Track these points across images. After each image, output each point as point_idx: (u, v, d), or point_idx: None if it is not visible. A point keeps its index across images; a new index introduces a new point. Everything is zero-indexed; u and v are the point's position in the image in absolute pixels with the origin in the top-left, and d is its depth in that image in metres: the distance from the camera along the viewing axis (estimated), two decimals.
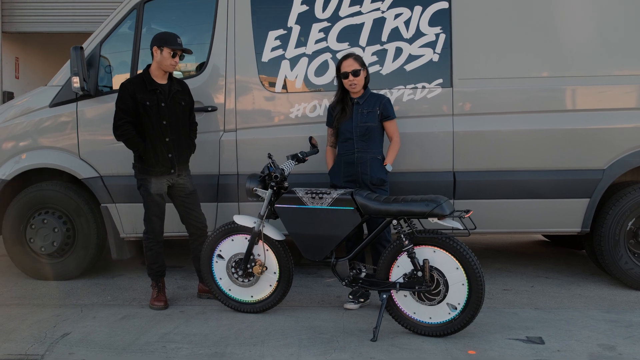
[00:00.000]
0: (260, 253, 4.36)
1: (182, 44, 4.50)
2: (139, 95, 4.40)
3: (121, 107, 4.43)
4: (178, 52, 4.46)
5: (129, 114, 4.42)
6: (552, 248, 6.80)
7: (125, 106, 4.41)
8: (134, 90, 4.41)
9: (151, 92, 4.45)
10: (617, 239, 4.94)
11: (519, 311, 4.50)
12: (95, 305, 4.72)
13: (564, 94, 4.95)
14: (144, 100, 4.41)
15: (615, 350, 3.68)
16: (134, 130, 4.43)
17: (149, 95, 4.44)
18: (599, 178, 4.92)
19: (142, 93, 4.42)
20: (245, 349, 3.76)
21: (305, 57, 5.07)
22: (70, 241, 5.36)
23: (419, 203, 3.85)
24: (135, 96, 4.40)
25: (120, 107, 4.44)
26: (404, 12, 5.01)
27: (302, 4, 5.08)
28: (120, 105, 4.43)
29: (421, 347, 3.75)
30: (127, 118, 4.42)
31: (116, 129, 4.46)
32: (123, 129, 4.42)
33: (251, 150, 5.11)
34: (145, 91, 4.43)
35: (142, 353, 3.71)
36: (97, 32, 5.31)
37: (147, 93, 4.43)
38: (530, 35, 4.94)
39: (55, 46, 10.14)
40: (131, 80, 4.54)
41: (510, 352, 3.66)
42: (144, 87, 4.44)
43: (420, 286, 3.87)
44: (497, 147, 4.95)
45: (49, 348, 3.79)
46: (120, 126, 4.43)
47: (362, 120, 4.45)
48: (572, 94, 4.96)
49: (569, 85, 4.93)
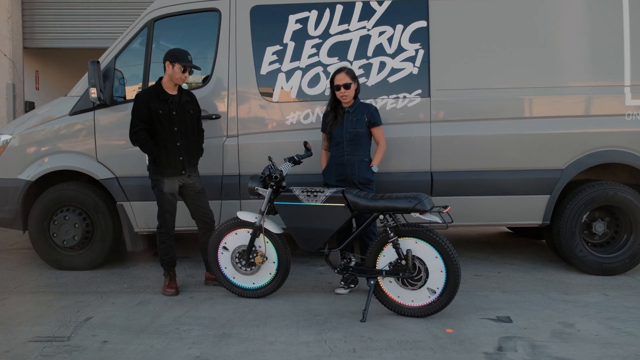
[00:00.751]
0: (261, 245, 4.37)
1: (192, 60, 4.51)
2: (153, 105, 4.40)
3: (137, 115, 4.42)
4: (188, 68, 4.47)
5: (144, 121, 4.41)
6: (515, 238, 6.86)
7: (140, 114, 4.41)
8: (147, 100, 4.41)
9: (163, 101, 4.45)
10: (573, 230, 5.01)
11: (489, 294, 4.56)
12: (114, 293, 4.71)
13: (527, 103, 5.01)
14: (157, 109, 4.41)
15: (574, 327, 3.75)
16: (148, 136, 4.43)
17: (162, 104, 4.43)
18: (558, 177, 4.99)
19: (155, 102, 4.42)
20: (249, 329, 3.78)
21: (299, 70, 5.08)
22: (89, 235, 5.33)
23: (403, 200, 3.89)
24: (149, 105, 4.40)
25: (135, 115, 4.43)
26: (387, 30, 5.04)
27: (297, 22, 5.09)
28: (136, 113, 4.42)
29: (405, 327, 3.79)
30: (142, 125, 4.41)
31: (132, 135, 4.46)
32: (138, 135, 4.42)
33: (251, 154, 5.11)
34: (158, 101, 4.43)
35: (158, 334, 3.72)
36: (111, 48, 5.29)
37: (160, 103, 4.43)
38: (498, 51, 5.00)
39: (72, 60, 10.06)
40: (145, 91, 4.54)
41: (483, 330, 3.71)
42: (157, 97, 4.44)
43: (403, 273, 3.91)
44: (469, 150, 5.00)
45: (74, 331, 3.78)
46: (136, 132, 4.42)
47: (352, 127, 4.48)
48: (534, 102, 5.01)
49: (532, 95, 4.99)
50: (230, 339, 3.62)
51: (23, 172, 5.33)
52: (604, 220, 5.10)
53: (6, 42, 8.83)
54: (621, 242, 5.07)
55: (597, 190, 4.97)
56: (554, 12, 5.01)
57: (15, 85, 8.94)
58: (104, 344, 3.56)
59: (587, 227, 5.12)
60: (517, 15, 5.01)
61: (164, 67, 4.49)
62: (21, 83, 9.12)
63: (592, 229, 5.09)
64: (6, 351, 3.43)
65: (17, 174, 5.34)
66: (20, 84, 9.09)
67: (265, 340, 3.59)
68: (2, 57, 8.80)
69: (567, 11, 5.01)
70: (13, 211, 5.35)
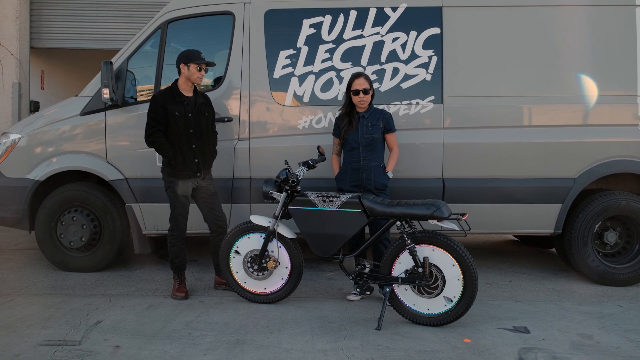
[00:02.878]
0: (274, 250, 4.26)
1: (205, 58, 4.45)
2: (169, 107, 4.32)
3: (153, 116, 4.33)
4: (203, 65, 4.39)
5: (160, 123, 4.32)
6: (522, 247, 6.78)
7: (157, 115, 4.32)
8: (164, 102, 4.32)
9: (179, 103, 4.36)
10: (585, 239, 4.93)
11: (502, 303, 4.46)
12: (122, 295, 4.58)
13: (540, 111, 4.93)
14: (173, 111, 4.32)
15: (593, 339, 3.66)
16: (164, 137, 4.34)
17: (178, 106, 4.35)
18: (570, 186, 4.91)
19: (172, 104, 4.33)
20: (264, 336, 3.67)
21: (312, 75, 4.99)
22: (97, 237, 5.22)
23: (420, 206, 3.79)
24: (165, 107, 4.31)
25: (152, 117, 4.34)
26: (401, 36, 4.96)
27: (310, 27, 5.00)
28: (152, 115, 4.33)
29: (421, 336, 3.69)
30: (158, 127, 4.32)
31: (148, 137, 4.36)
32: (154, 137, 4.33)
33: (262, 157, 5.01)
34: (175, 103, 4.35)
35: (171, 340, 3.60)
36: (124, 49, 5.19)
37: (176, 104, 4.35)
38: (512, 59, 4.93)
39: (78, 61, 9.95)
40: (161, 93, 4.45)
41: (501, 340, 3.62)
42: (173, 99, 4.36)
43: (420, 281, 3.81)
44: (481, 157, 4.91)
45: (85, 335, 3.66)
46: (152, 134, 4.33)
47: (367, 132, 4.39)
48: (548, 111, 4.93)
49: (546, 103, 4.91)
50: (245, 345, 3.51)
51: (31, 172, 5.21)
52: (615, 230, 5.02)
53: (13, 42, 8.70)
54: (633, 253, 4.99)
55: (609, 200, 4.89)
56: (569, 21, 4.95)
57: (21, 84, 8.80)
58: (117, 349, 3.44)
59: (598, 237, 5.04)
60: (532, 23, 4.94)
61: (179, 70, 4.41)
62: (27, 82, 8.98)
63: (603, 238, 5.01)
64: (16, 355, 3.31)
65: (25, 173, 5.22)
66: (26, 83, 8.95)
67: (281, 347, 3.48)
68: (8, 56, 8.67)
69: (581, 20, 4.95)
70: (20, 211, 5.23)
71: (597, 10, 4.95)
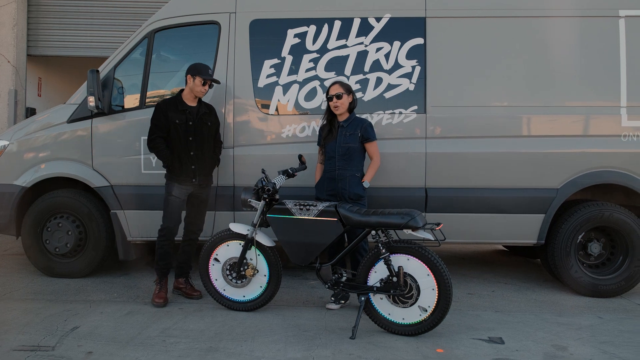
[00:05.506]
0: (253, 257, 4.28)
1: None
2: (170, 114, 4.45)
3: (155, 123, 4.49)
4: (208, 81, 4.50)
5: (161, 129, 4.46)
6: (510, 257, 6.76)
7: (159, 122, 4.46)
8: (166, 110, 4.46)
9: (181, 112, 4.49)
10: (568, 250, 4.91)
11: (481, 313, 4.45)
12: (103, 302, 4.60)
13: (523, 121, 4.92)
14: (174, 119, 4.45)
15: (567, 351, 3.64)
16: (164, 143, 4.48)
17: (179, 114, 4.48)
18: (553, 196, 4.89)
19: (173, 112, 4.47)
20: (237, 344, 3.67)
21: (296, 84, 5.02)
22: (82, 243, 5.25)
23: (395, 216, 3.80)
24: (167, 114, 4.45)
25: (154, 123, 4.49)
26: (384, 46, 4.99)
27: (295, 37, 5.04)
28: (155, 121, 4.49)
29: (395, 345, 3.68)
30: (159, 133, 4.46)
31: (149, 142, 4.51)
32: (155, 142, 4.47)
33: (246, 165, 5.03)
34: (176, 111, 4.48)
35: (144, 346, 3.60)
36: (112, 57, 5.24)
37: (178, 113, 4.48)
38: (494, 70, 4.94)
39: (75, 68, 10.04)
40: (165, 101, 4.58)
41: (474, 351, 3.60)
42: (175, 108, 4.49)
43: (395, 290, 3.80)
44: (464, 167, 4.91)
45: (60, 340, 3.67)
46: (153, 139, 4.48)
47: (345, 142, 4.40)
48: (530, 121, 4.93)
49: (528, 113, 4.91)
50: (217, 353, 3.51)
51: (19, 177, 5.26)
52: (599, 241, 5.00)
53: (10, 49, 8.80)
54: (617, 264, 4.96)
55: (592, 211, 4.88)
56: (552, 32, 4.96)
57: (17, 91, 8.89)
58: (89, 355, 3.45)
59: (582, 248, 5.03)
60: (514, 34, 4.96)
61: (186, 80, 4.54)
62: (23, 89, 9.07)
63: (587, 249, 5.00)
64: None
65: (13, 179, 5.28)
66: (22, 90, 9.04)
67: (253, 355, 3.48)
68: (5, 63, 8.76)
69: (565, 31, 4.96)
70: (7, 216, 5.27)
71: (580, 21, 4.95)
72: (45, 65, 9.77)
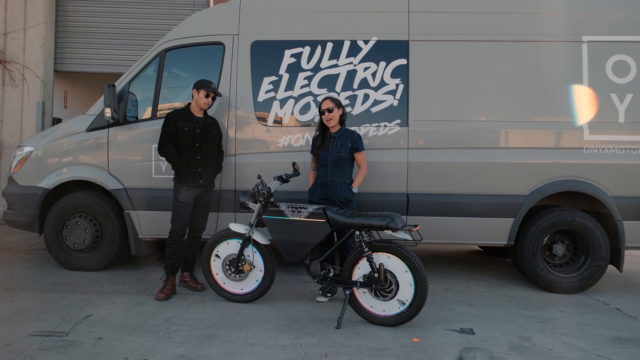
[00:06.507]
0: (250, 254, 4.28)
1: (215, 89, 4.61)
2: (180, 123, 4.49)
3: (165, 130, 4.51)
4: (211, 93, 4.54)
5: (171, 136, 4.49)
6: (485, 256, 6.75)
7: (169, 129, 4.49)
8: (176, 119, 4.50)
9: (189, 121, 4.53)
10: (535, 251, 4.91)
11: (455, 307, 4.44)
12: (115, 293, 4.60)
13: (496, 134, 4.93)
14: (182, 127, 4.49)
15: (530, 341, 3.63)
16: (173, 148, 4.50)
17: (187, 123, 4.52)
18: (522, 202, 4.90)
19: (182, 121, 4.51)
20: (233, 332, 3.66)
21: (292, 99, 5.04)
22: (98, 240, 5.25)
23: (377, 218, 3.80)
24: (176, 123, 4.49)
25: (165, 131, 4.51)
26: (371, 66, 5.01)
27: (291, 56, 5.06)
28: (165, 129, 4.52)
29: (375, 335, 3.67)
30: (169, 139, 4.49)
31: (160, 147, 4.53)
32: (165, 147, 4.50)
33: (246, 172, 5.04)
34: (185, 120, 4.52)
35: (149, 333, 3.60)
36: (127, 73, 5.26)
37: (186, 121, 4.52)
38: (470, 87, 4.95)
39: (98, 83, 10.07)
40: (175, 111, 4.61)
41: (447, 340, 3.59)
42: (184, 117, 4.53)
43: (376, 285, 3.80)
44: (442, 175, 4.92)
45: (73, 327, 3.67)
46: (163, 144, 4.50)
47: (336, 151, 4.41)
48: (502, 134, 4.93)
49: (500, 127, 4.92)
50: (214, 340, 3.50)
51: (42, 180, 5.28)
52: (563, 243, 5.00)
53: (39, 65, 8.84)
54: (579, 264, 4.96)
55: (556, 216, 4.88)
56: (522, 55, 4.97)
57: (45, 103, 8.92)
58: (99, 340, 3.45)
59: (548, 249, 5.02)
60: (488, 56, 4.97)
61: (192, 94, 4.57)
62: (51, 102, 9.10)
63: (552, 250, 4.99)
64: (7, 344, 3.32)
65: (37, 182, 5.29)
66: (50, 102, 9.07)
67: (246, 342, 3.48)
68: (34, 78, 8.80)
69: (533, 54, 4.97)
70: (31, 215, 5.28)
71: (547, 45, 4.98)
72: (71, 80, 9.80)
